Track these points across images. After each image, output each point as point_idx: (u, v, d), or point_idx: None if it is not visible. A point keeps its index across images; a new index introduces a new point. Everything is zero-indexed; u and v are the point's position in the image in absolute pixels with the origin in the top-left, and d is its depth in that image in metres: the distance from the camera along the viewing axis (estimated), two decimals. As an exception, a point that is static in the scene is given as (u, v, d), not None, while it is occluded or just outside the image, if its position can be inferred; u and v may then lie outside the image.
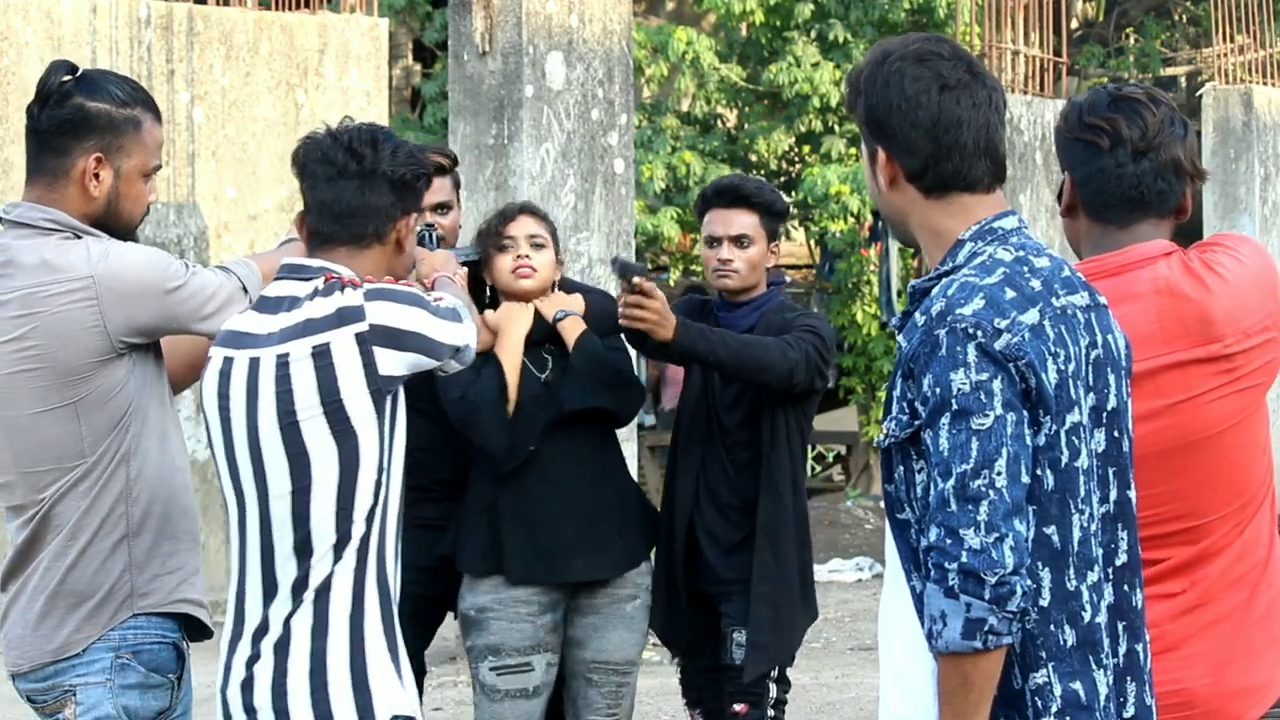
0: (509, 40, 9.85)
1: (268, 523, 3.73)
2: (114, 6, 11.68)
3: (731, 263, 5.54)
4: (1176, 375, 3.44)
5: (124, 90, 4.08)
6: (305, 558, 3.70)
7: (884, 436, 3.03)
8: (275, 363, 3.71)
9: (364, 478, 3.69)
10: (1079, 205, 3.58)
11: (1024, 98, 13.55)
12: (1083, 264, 3.48)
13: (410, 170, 3.85)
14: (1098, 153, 3.53)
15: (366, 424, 3.68)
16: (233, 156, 12.02)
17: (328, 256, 3.81)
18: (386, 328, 3.71)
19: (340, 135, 3.83)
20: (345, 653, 3.70)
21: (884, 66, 3.08)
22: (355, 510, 3.70)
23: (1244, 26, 15.72)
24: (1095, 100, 3.58)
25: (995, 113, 3.07)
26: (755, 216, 5.57)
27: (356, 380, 3.68)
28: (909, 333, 3.01)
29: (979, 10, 13.89)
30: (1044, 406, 2.95)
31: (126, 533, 3.99)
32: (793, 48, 16.52)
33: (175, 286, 3.96)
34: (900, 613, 3.03)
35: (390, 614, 3.76)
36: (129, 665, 3.99)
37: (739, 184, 5.69)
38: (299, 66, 12.34)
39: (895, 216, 3.14)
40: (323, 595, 3.70)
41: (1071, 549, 2.99)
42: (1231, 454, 3.50)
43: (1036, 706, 2.98)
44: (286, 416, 3.69)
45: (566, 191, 9.84)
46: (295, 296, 3.77)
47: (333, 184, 3.80)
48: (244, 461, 3.75)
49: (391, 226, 3.85)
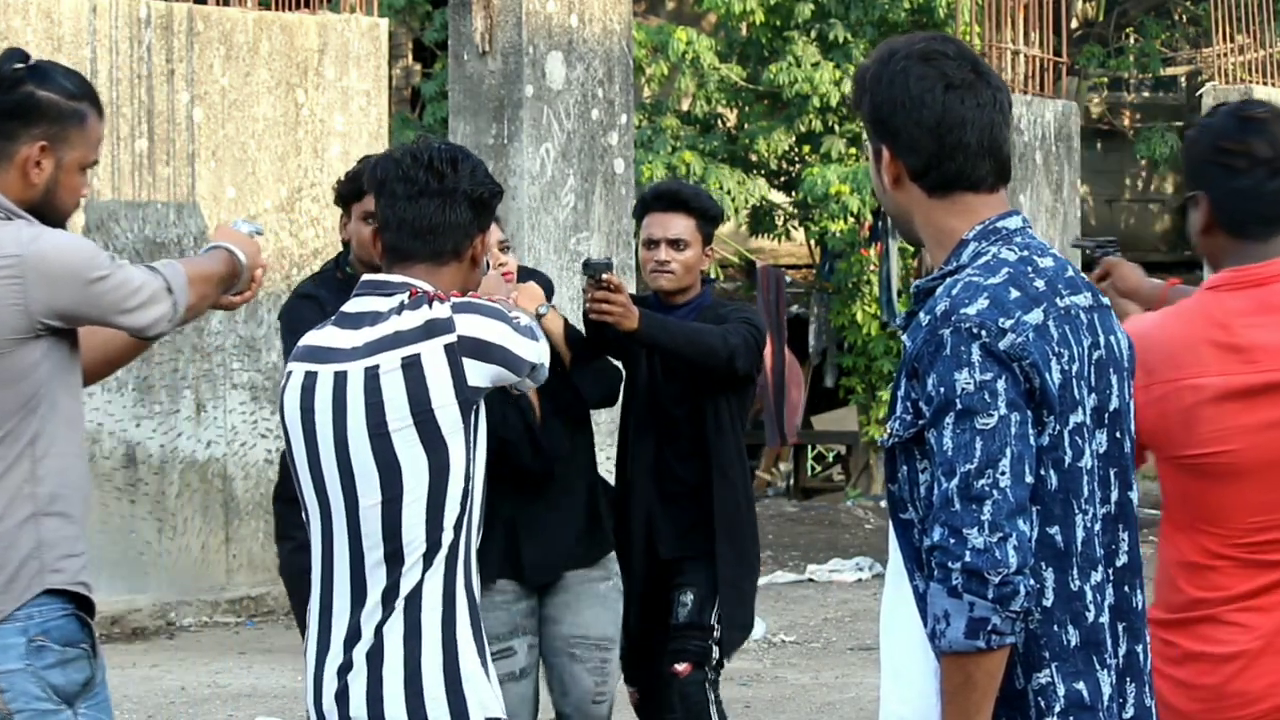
0: (509, 40, 9.85)
1: (356, 533, 3.79)
2: (114, 6, 11.67)
3: (668, 264, 5.89)
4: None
5: (73, 83, 4.11)
6: (396, 566, 3.77)
7: (887, 436, 3.03)
8: (364, 375, 3.79)
9: (453, 487, 3.77)
10: (1216, 224, 3.69)
11: (1024, 98, 13.56)
12: (1225, 273, 3.65)
13: (488, 189, 3.95)
14: (1234, 174, 3.66)
15: (455, 434, 3.76)
16: (232, 156, 12.01)
17: (407, 272, 3.89)
18: (475, 339, 3.79)
19: (420, 154, 3.91)
20: (439, 658, 3.77)
21: (889, 65, 3.07)
22: (445, 519, 3.77)
23: (1244, 26, 15.73)
24: (1224, 124, 3.70)
25: (1000, 113, 3.07)
26: (692, 221, 5.91)
27: (446, 390, 3.76)
28: (913, 332, 3.01)
29: (979, 10, 13.90)
30: (1048, 406, 2.95)
31: (34, 511, 4.00)
32: (793, 48, 16.53)
33: (99, 276, 3.97)
34: (901, 613, 3.03)
35: (478, 617, 3.84)
36: (44, 646, 3.99)
37: (677, 189, 6.06)
38: (299, 66, 12.33)
39: (899, 215, 3.14)
40: (414, 602, 3.77)
41: (1075, 549, 2.99)
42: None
43: (1040, 707, 2.97)
44: (377, 427, 3.76)
45: (566, 191, 9.85)
46: (378, 311, 3.84)
47: (414, 202, 3.88)
48: (330, 473, 3.82)
49: (469, 243, 3.93)
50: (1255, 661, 3.54)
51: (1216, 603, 3.56)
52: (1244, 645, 3.54)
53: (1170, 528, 3.63)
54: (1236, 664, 3.54)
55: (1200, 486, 3.56)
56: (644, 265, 5.95)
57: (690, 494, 5.87)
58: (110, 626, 10.82)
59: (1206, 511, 3.57)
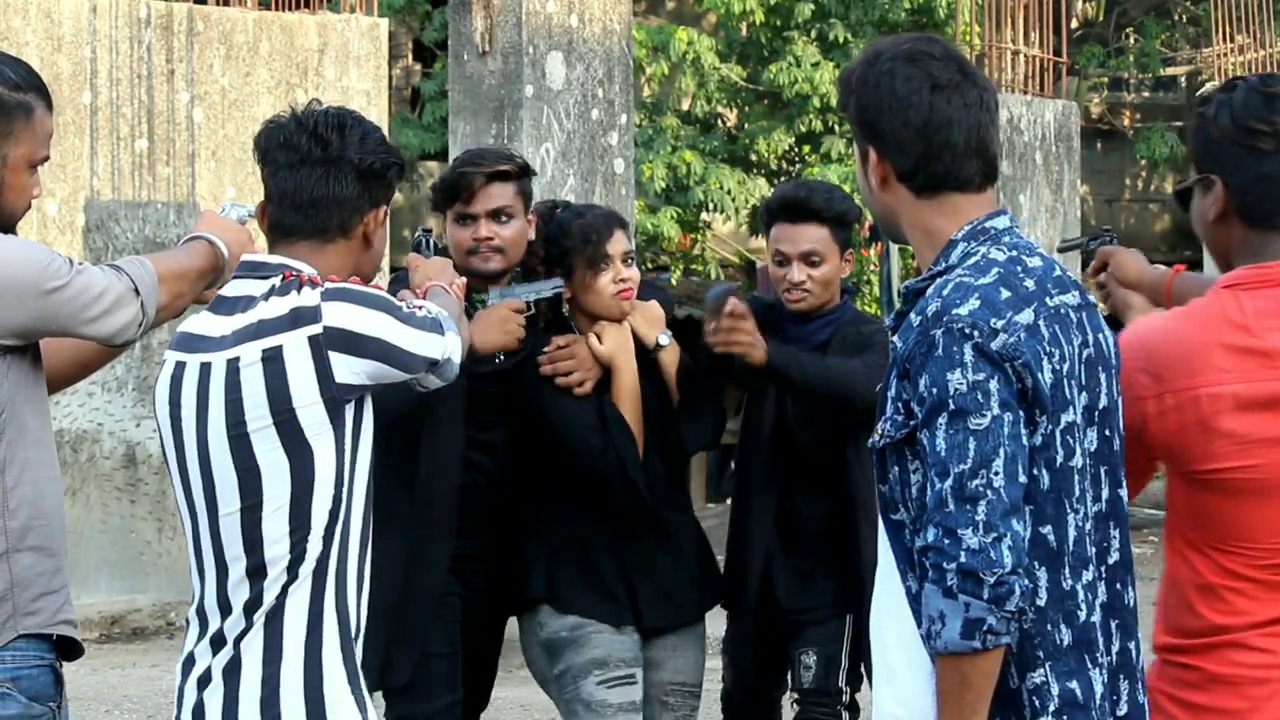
0: (509, 40, 9.85)
1: (219, 540, 3.45)
2: (114, 6, 11.68)
3: (803, 284, 5.17)
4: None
5: (18, 73, 3.73)
6: (259, 578, 3.42)
7: (879, 437, 3.03)
8: (226, 368, 3.43)
9: (320, 494, 3.40)
10: (1233, 212, 3.25)
11: (1024, 98, 13.55)
12: (1244, 270, 3.22)
13: (380, 159, 3.56)
14: (1260, 156, 3.21)
15: (321, 436, 3.39)
16: (232, 156, 12.02)
17: (288, 252, 3.52)
18: (344, 331, 3.41)
19: (305, 119, 3.54)
20: (299, 680, 3.42)
21: (875, 66, 3.08)
22: (311, 529, 3.41)
23: (1244, 26, 15.72)
24: (1247, 100, 3.23)
25: (986, 113, 3.07)
26: (825, 230, 5.19)
27: (309, 387, 3.38)
28: (904, 333, 3.01)
29: (979, 10, 13.90)
30: (1040, 406, 2.95)
31: (6, 549, 3.63)
32: (793, 47, 16.53)
33: (56, 286, 3.59)
34: (893, 613, 3.03)
35: (350, 639, 3.48)
36: (9, 695, 3.63)
37: (806, 195, 5.24)
38: (299, 66, 12.34)
39: (887, 217, 3.14)
40: (275, 619, 3.42)
41: (1067, 548, 2.99)
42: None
43: (1034, 706, 2.98)
44: (236, 427, 3.41)
45: (566, 191, 9.85)
46: (251, 296, 3.47)
47: (295, 171, 3.51)
48: (195, 475, 3.48)
49: (358, 219, 3.55)
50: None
51: (1240, 628, 3.17)
52: (1272, 672, 3.16)
53: (1183, 545, 3.24)
54: (1266, 689, 3.16)
55: (1221, 504, 3.17)
56: (776, 284, 5.18)
57: (815, 538, 5.22)
58: (110, 626, 10.82)
59: (1228, 531, 3.17)
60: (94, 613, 10.67)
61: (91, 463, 10.96)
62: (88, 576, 10.58)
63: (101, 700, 9.11)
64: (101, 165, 12.17)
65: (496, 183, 5.01)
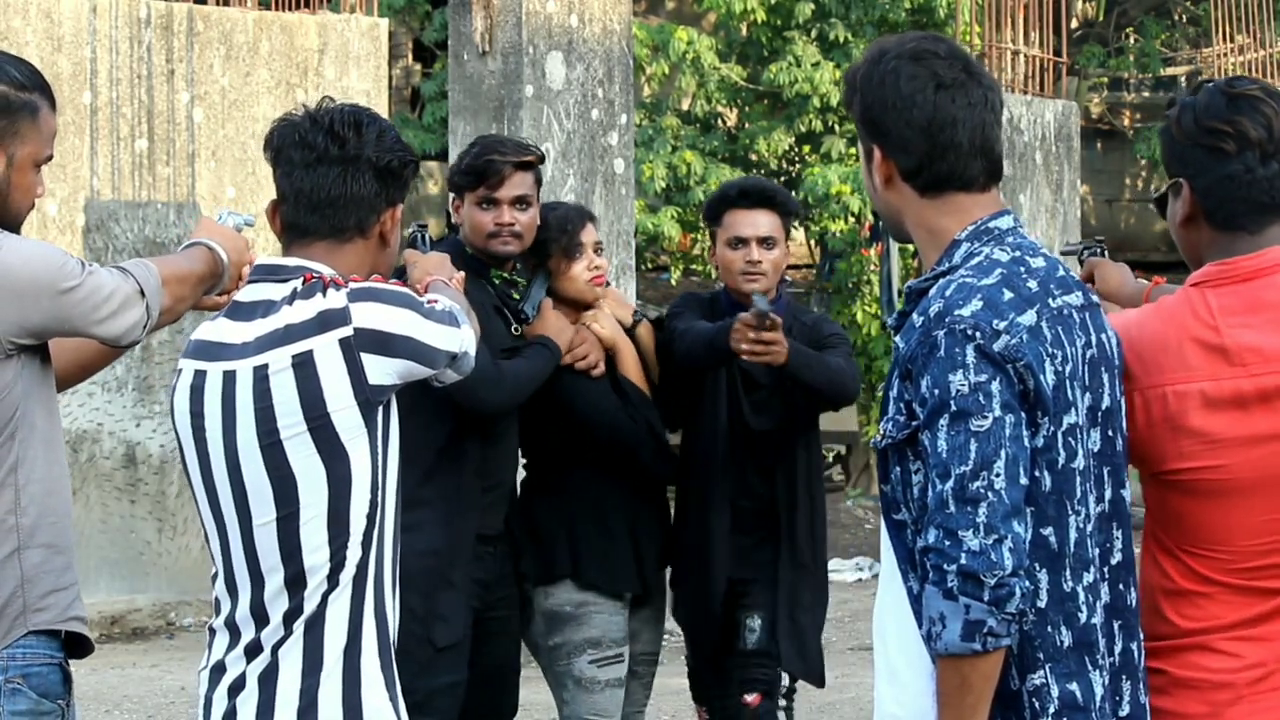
0: (509, 40, 9.85)
1: (252, 551, 3.38)
2: (114, 6, 11.68)
3: (760, 264, 5.50)
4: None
5: (23, 73, 3.74)
6: (299, 588, 3.36)
7: (881, 437, 3.03)
8: (253, 375, 3.37)
9: (357, 499, 3.36)
10: (1200, 214, 3.23)
11: (1024, 98, 13.55)
12: (1211, 267, 3.20)
13: (398, 157, 3.50)
14: (1223, 158, 3.19)
15: (356, 440, 3.34)
16: (232, 156, 12.02)
17: (304, 253, 3.46)
18: (375, 332, 3.36)
19: (320, 117, 3.46)
20: (338, 691, 3.36)
21: (880, 65, 3.08)
22: (350, 536, 3.36)
23: (1244, 26, 15.72)
24: (1211, 102, 3.23)
25: (991, 112, 3.07)
26: (777, 217, 5.55)
27: (343, 391, 3.33)
28: (906, 333, 3.01)
29: (979, 10, 13.90)
30: (1042, 408, 2.95)
31: (18, 546, 3.65)
32: (793, 47, 16.52)
33: (70, 286, 3.60)
34: (895, 613, 3.03)
35: (388, 646, 3.43)
36: (19, 690, 3.65)
37: (764, 184, 5.68)
38: (299, 66, 12.34)
39: (891, 215, 3.14)
40: (315, 628, 3.36)
41: (1068, 550, 2.99)
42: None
43: (1034, 708, 2.98)
44: (268, 435, 3.34)
45: (566, 191, 9.84)
46: (271, 300, 3.40)
47: (311, 170, 3.43)
48: (223, 485, 3.40)
49: (375, 219, 3.49)
50: (1248, 695, 3.12)
51: (1209, 631, 3.13)
52: (1236, 676, 3.12)
53: (1156, 550, 3.20)
54: (1228, 693, 3.12)
55: (1191, 506, 3.13)
56: (728, 266, 5.51)
57: (761, 512, 5.56)
58: (110, 626, 10.82)
59: (1199, 534, 3.13)
60: (94, 613, 10.67)
61: (91, 463, 10.97)
62: (88, 576, 10.58)
63: (101, 700, 9.11)
64: (101, 165, 12.18)
65: (521, 171, 5.29)
